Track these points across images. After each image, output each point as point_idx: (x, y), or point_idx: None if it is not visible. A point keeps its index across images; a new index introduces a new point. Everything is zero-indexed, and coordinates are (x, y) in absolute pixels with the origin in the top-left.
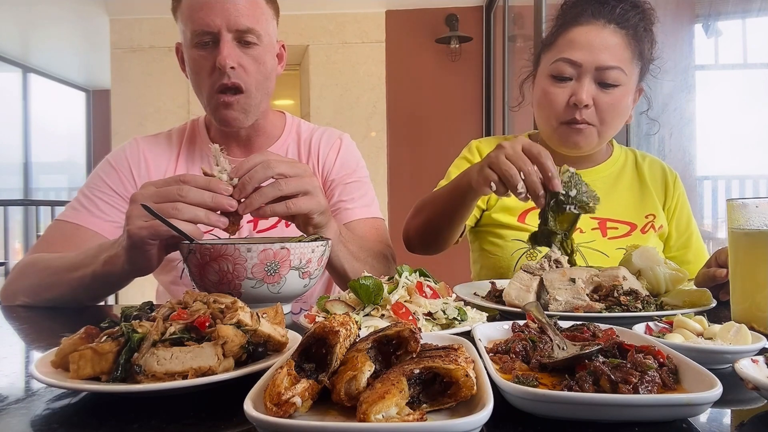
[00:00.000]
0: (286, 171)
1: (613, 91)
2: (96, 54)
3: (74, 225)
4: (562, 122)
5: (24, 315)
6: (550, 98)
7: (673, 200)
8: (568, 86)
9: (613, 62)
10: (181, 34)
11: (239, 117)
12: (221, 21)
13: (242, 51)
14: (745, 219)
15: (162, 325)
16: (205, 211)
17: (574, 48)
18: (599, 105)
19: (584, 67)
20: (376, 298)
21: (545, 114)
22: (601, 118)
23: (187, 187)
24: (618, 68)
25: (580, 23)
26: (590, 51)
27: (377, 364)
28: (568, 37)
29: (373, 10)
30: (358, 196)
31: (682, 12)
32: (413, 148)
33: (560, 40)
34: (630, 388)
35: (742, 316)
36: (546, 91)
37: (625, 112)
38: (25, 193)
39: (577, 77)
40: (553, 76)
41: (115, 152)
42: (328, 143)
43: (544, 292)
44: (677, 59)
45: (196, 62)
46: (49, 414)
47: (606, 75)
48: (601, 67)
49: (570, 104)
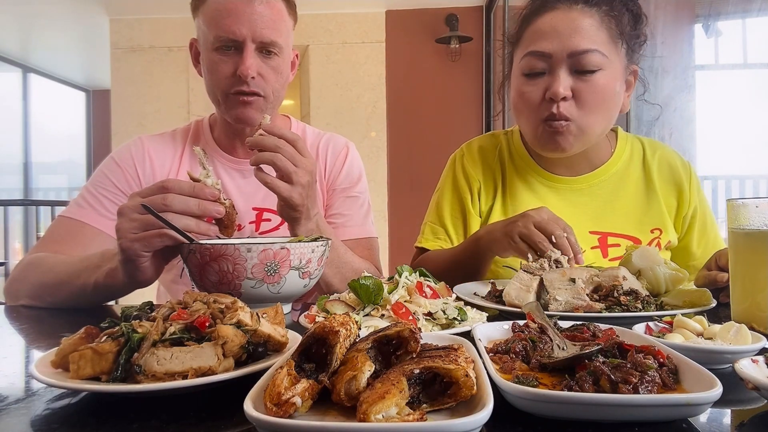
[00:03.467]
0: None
1: (593, 77)
2: (96, 54)
3: (79, 222)
4: (543, 120)
5: (24, 315)
6: (525, 98)
7: (690, 206)
8: (541, 81)
9: (586, 45)
10: (199, 32)
11: (255, 116)
12: (247, 31)
13: (263, 60)
14: (745, 219)
15: (162, 325)
16: (195, 221)
17: (540, 38)
18: (579, 95)
19: (555, 56)
20: (376, 298)
21: (524, 116)
22: (582, 109)
23: (172, 196)
24: (594, 51)
25: (544, 11)
26: (558, 38)
27: (377, 364)
28: (532, 29)
29: (373, 10)
30: (355, 213)
31: (682, 12)
32: (413, 148)
33: (526, 34)
34: (630, 388)
35: (742, 316)
36: (520, 92)
37: (614, 99)
38: (25, 193)
39: (549, 70)
40: (525, 74)
41: (119, 150)
42: (335, 152)
43: (544, 292)
44: (677, 59)
45: (216, 65)
46: (49, 414)
47: (582, 61)
48: (573, 52)
49: (546, 99)
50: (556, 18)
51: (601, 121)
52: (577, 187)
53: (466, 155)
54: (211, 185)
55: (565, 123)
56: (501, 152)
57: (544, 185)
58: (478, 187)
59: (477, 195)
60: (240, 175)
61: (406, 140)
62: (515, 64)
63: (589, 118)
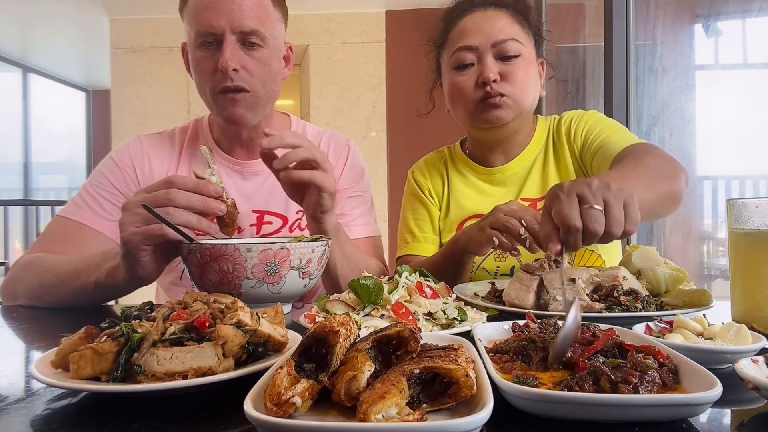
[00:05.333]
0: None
1: (516, 61)
2: (96, 54)
3: (77, 223)
4: (477, 102)
5: (24, 315)
6: (459, 87)
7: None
8: (472, 71)
9: (506, 35)
10: (186, 34)
11: (246, 114)
12: (225, 22)
13: (246, 53)
14: (745, 219)
15: (162, 325)
16: (197, 217)
17: (466, 35)
18: (507, 76)
19: (481, 47)
20: (376, 298)
21: (459, 102)
22: (513, 86)
23: (176, 191)
24: (513, 39)
25: (463, 15)
26: (481, 32)
27: (377, 364)
28: (457, 29)
29: (373, 10)
30: (359, 212)
31: (682, 12)
32: (413, 148)
33: (451, 35)
34: (630, 388)
35: (742, 316)
36: (453, 82)
37: (534, 82)
38: (25, 193)
39: (477, 60)
40: (455, 68)
41: (118, 150)
42: (336, 150)
43: (544, 292)
44: (677, 59)
45: (199, 63)
46: (49, 414)
47: (504, 48)
48: (497, 42)
49: (479, 84)
50: (476, 17)
51: (530, 97)
52: (509, 173)
53: (415, 171)
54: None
55: (501, 98)
56: (445, 161)
57: (478, 177)
58: (428, 190)
59: (430, 196)
60: (240, 177)
61: (406, 140)
62: (444, 63)
63: (520, 92)
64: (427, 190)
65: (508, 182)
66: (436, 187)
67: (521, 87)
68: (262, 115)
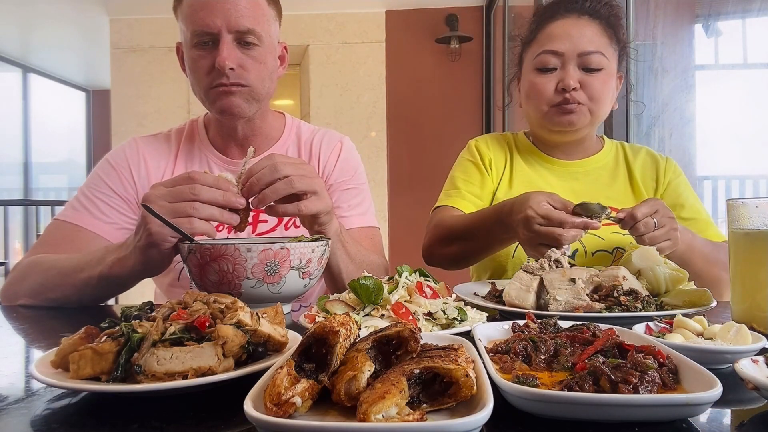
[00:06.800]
0: (293, 172)
1: (598, 74)
2: (96, 54)
3: (74, 226)
4: (553, 106)
5: (24, 315)
6: (538, 88)
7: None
8: (554, 75)
9: (593, 47)
10: (181, 33)
11: (241, 104)
12: (221, 22)
13: (242, 52)
14: (745, 219)
15: (162, 325)
16: (220, 210)
17: (554, 40)
18: (587, 87)
19: (567, 55)
20: (376, 298)
21: (534, 103)
22: (590, 97)
23: (199, 186)
24: (599, 53)
25: (555, 18)
26: (570, 40)
27: (377, 364)
28: (546, 32)
29: (373, 10)
30: (355, 203)
31: (682, 12)
32: (413, 148)
33: (540, 36)
34: (630, 388)
35: (742, 316)
36: (533, 83)
37: (611, 96)
38: (25, 193)
39: (561, 66)
40: (538, 69)
41: (114, 152)
42: (329, 146)
43: (544, 292)
44: (677, 59)
45: (195, 62)
46: (49, 414)
47: (589, 60)
48: (583, 52)
49: (558, 90)
50: (567, 24)
51: (603, 109)
52: (573, 170)
53: (479, 141)
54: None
55: (577, 105)
56: (509, 142)
57: (544, 167)
58: (489, 160)
59: (489, 166)
60: None
61: (406, 140)
62: (528, 61)
63: (595, 105)
64: (488, 160)
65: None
66: (497, 161)
67: (598, 99)
68: (256, 108)
